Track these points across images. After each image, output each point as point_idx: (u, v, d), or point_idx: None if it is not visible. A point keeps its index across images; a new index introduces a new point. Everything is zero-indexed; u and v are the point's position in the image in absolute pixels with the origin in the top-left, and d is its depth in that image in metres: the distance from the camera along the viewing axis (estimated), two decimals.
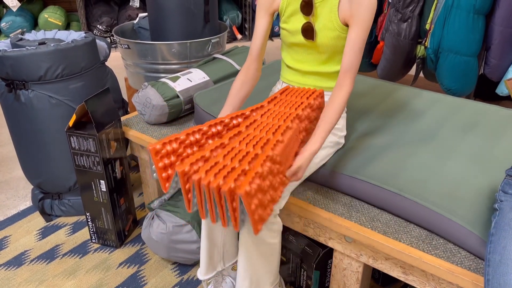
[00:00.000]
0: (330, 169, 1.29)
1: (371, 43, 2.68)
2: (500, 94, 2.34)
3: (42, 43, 1.61)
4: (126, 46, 2.12)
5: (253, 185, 0.85)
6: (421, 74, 3.11)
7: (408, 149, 1.36)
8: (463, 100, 1.70)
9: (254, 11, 4.34)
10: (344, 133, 1.37)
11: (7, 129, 2.61)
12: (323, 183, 1.31)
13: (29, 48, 1.54)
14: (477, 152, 1.34)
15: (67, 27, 3.83)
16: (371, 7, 1.15)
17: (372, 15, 1.17)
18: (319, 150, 1.25)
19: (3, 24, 3.52)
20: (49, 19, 3.60)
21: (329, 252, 1.37)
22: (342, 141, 1.36)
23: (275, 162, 0.97)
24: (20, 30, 3.57)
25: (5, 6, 3.58)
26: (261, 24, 1.32)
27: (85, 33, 1.76)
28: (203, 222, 1.33)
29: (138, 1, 3.92)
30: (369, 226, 1.14)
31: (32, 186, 2.06)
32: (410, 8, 2.38)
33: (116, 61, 3.56)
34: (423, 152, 1.34)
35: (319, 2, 1.22)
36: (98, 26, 3.81)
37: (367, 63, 2.64)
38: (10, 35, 3.56)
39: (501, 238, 0.96)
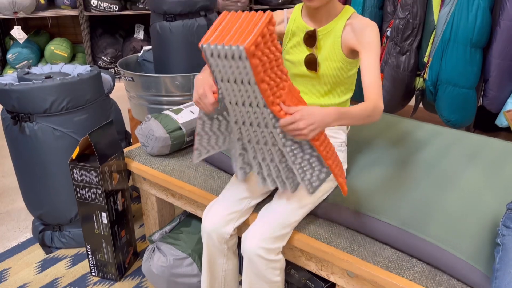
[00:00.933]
0: (332, 202, 1.29)
1: None
2: (500, 126, 2.36)
3: (48, 76, 1.65)
4: (130, 78, 2.16)
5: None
6: (421, 105, 3.14)
7: (410, 181, 1.36)
8: (463, 133, 1.72)
9: None
10: (346, 166, 1.38)
11: (9, 159, 2.63)
12: (325, 216, 1.31)
13: (35, 81, 1.58)
14: (478, 185, 1.35)
15: (72, 58, 3.91)
16: (375, 30, 1.19)
17: (378, 38, 1.19)
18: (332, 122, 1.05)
19: (9, 56, 3.60)
20: (55, 51, 3.68)
21: (332, 287, 1.35)
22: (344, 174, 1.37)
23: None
24: (26, 62, 3.64)
25: (12, 38, 3.67)
26: None
27: (90, 66, 1.80)
28: (204, 254, 1.32)
29: (143, 33, 4.01)
30: (371, 261, 1.14)
31: (33, 218, 2.05)
32: (408, 41, 2.44)
33: (119, 91, 3.61)
34: (425, 184, 1.34)
35: (322, 34, 1.25)
36: (103, 57, 3.88)
37: None
38: (16, 67, 3.63)
39: (506, 274, 0.95)
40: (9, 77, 1.71)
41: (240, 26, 0.94)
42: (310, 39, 1.25)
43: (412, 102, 3.38)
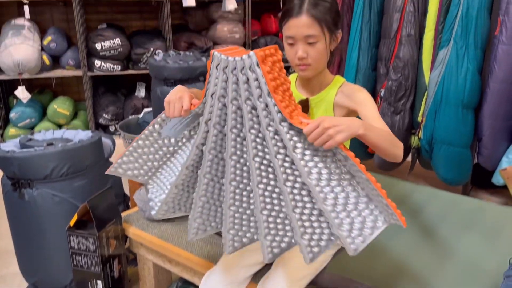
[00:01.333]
0: (330, 271, 1.28)
1: None
2: (496, 184, 2.38)
3: (50, 143, 1.68)
4: (130, 140, 2.20)
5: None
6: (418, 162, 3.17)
7: (407, 249, 1.36)
8: (459, 197, 1.74)
9: None
10: None
11: (5, 220, 2.61)
12: (323, 286, 1.29)
13: (37, 148, 1.61)
14: (475, 253, 1.34)
15: (74, 116, 3.99)
16: (366, 92, 1.23)
17: (371, 97, 1.22)
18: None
19: (12, 115, 3.67)
20: (57, 109, 3.76)
21: None
22: None
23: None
24: (28, 120, 3.71)
25: (16, 97, 3.76)
26: None
27: (92, 132, 1.84)
28: None
29: (144, 91, 4.12)
30: None
31: (27, 284, 2.01)
32: (402, 101, 2.51)
33: (120, 148, 3.65)
34: (422, 253, 1.34)
35: (315, 102, 1.29)
36: (104, 115, 3.96)
37: (364, 152, 2.72)
38: (18, 125, 3.70)
39: None
40: (11, 143, 1.75)
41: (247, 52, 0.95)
42: (304, 107, 1.29)
43: (410, 158, 3.41)
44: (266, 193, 1.00)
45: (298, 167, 0.94)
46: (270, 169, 0.99)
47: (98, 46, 3.71)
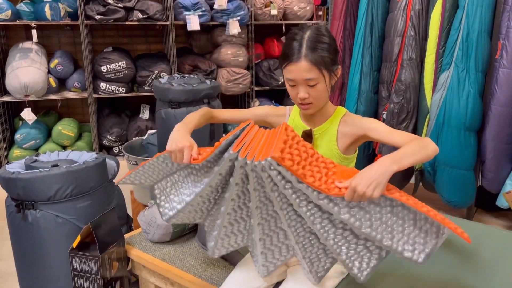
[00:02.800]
0: None
1: (369, 155, 2.78)
2: (501, 207, 2.37)
3: (55, 165, 1.69)
4: (134, 162, 2.21)
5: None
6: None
7: (411, 275, 1.35)
8: (463, 221, 1.73)
9: None
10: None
11: (9, 241, 2.60)
12: None
13: (42, 170, 1.62)
14: (479, 278, 1.33)
15: (79, 137, 4.02)
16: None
17: (375, 119, 1.26)
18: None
19: (17, 136, 3.70)
20: (62, 131, 3.79)
21: None
22: (346, 270, 1.35)
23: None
24: (33, 142, 3.74)
25: (21, 118, 3.80)
26: (248, 116, 1.40)
27: (96, 153, 1.86)
28: None
29: (148, 113, 4.16)
30: None
31: None
32: (404, 124, 2.52)
33: (122, 170, 3.66)
34: (427, 278, 1.33)
35: (318, 133, 1.31)
36: (108, 136, 3.99)
37: None
38: (23, 146, 3.72)
39: None
40: (17, 165, 1.76)
41: (264, 142, 1.01)
42: (307, 138, 1.31)
43: (413, 181, 3.40)
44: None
45: (350, 223, 1.01)
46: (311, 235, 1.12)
47: (103, 68, 3.77)
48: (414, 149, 1.04)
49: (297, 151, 0.99)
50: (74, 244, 1.53)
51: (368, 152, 2.77)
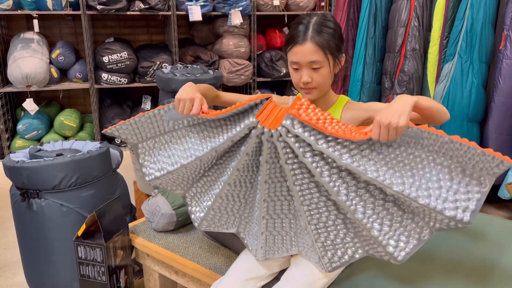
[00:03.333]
0: (338, 287, 1.28)
1: None
2: (503, 198, 2.37)
3: (59, 154, 1.70)
4: None
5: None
6: None
7: (413, 263, 1.35)
8: None
9: None
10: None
11: (13, 231, 2.62)
12: None
13: (46, 159, 1.63)
14: (480, 267, 1.34)
15: (80, 128, 4.02)
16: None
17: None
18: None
19: (19, 126, 3.71)
20: (64, 121, 3.80)
21: None
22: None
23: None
24: (35, 132, 3.74)
25: (24, 109, 3.80)
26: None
27: (100, 143, 1.86)
28: None
29: (150, 104, 4.15)
30: None
31: None
32: None
33: (126, 159, 3.67)
34: (429, 268, 1.34)
35: None
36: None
37: None
38: (25, 136, 3.73)
39: None
40: (21, 154, 1.77)
41: (282, 114, 1.01)
42: None
43: None
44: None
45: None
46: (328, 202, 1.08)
47: (105, 59, 3.76)
48: (430, 100, 1.03)
49: (313, 113, 0.97)
50: (79, 232, 1.54)
51: None
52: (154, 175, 1.25)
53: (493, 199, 2.70)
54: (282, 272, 1.32)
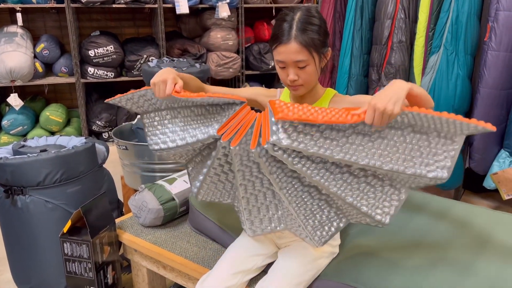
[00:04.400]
0: (325, 278, 1.29)
1: None
2: (488, 188, 2.40)
3: (43, 150, 1.68)
4: (124, 147, 2.20)
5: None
6: None
7: (399, 253, 1.37)
8: (450, 202, 1.75)
9: None
10: (338, 242, 1.38)
11: None
12: None
13: (30, 155, 1.60)
14: (466, 257, 1.35)
15: (67, 123, 3.97)
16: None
17: None
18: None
19: (4, 122, 3.65)
20: (50, 116, 3.75)
21: None
22: (337, 250, 1.37)
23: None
24: (20, 127, 3.69)
25: (8, 104, 3.74)
26: (239, 94, 1.33)
27: (85, 138, 1.84)
28: None
29: None
30: None
31: None
32: None
33: (113, 155, 3.64)
34: (414, 257, 1.35)
35: None
36: (97, 122, 3.95)
37: None
38: (11, 132, 3.67)
39: None
40: (4, 150, 1.74)
41: (257, 127, 1.02)
42: None
43: None
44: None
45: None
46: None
47: (91, 53, 3.71)
48: (420, 88, 1.05)
49: (297, 109, 0.97)
50: (65, 229, 1.52)
51: None
52: (160, 147, 1.29)
53: (478, 189, 2.74)
54: (270, 265, 1.33)
